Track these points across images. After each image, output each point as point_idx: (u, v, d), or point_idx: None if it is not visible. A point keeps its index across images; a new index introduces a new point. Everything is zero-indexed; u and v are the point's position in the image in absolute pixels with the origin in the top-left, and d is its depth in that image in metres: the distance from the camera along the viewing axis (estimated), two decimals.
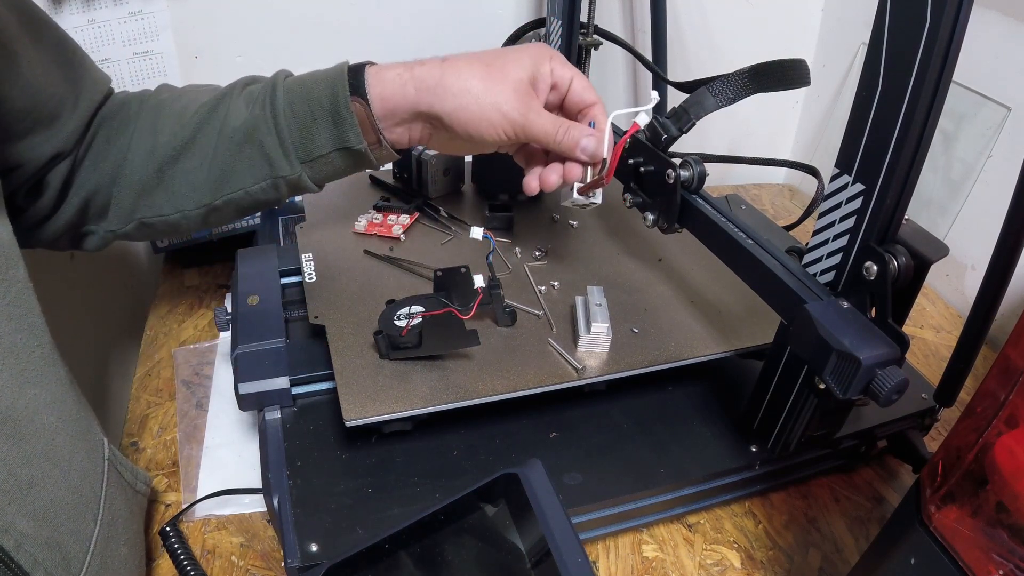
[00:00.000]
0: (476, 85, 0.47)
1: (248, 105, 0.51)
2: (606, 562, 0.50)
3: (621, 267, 0.66)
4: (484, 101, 0.47)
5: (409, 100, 0.48)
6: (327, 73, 0.50)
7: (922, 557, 0.33)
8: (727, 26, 0.97)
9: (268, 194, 0.52)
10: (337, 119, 0.49)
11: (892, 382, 0.37)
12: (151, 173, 0.52)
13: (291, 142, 0.50)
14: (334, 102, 0.49)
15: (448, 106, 0.47)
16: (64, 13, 0.72)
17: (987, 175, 0.76)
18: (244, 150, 0.51)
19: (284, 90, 0.50)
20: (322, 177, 0.52)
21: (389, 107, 0.49)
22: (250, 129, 0.50)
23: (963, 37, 0.36)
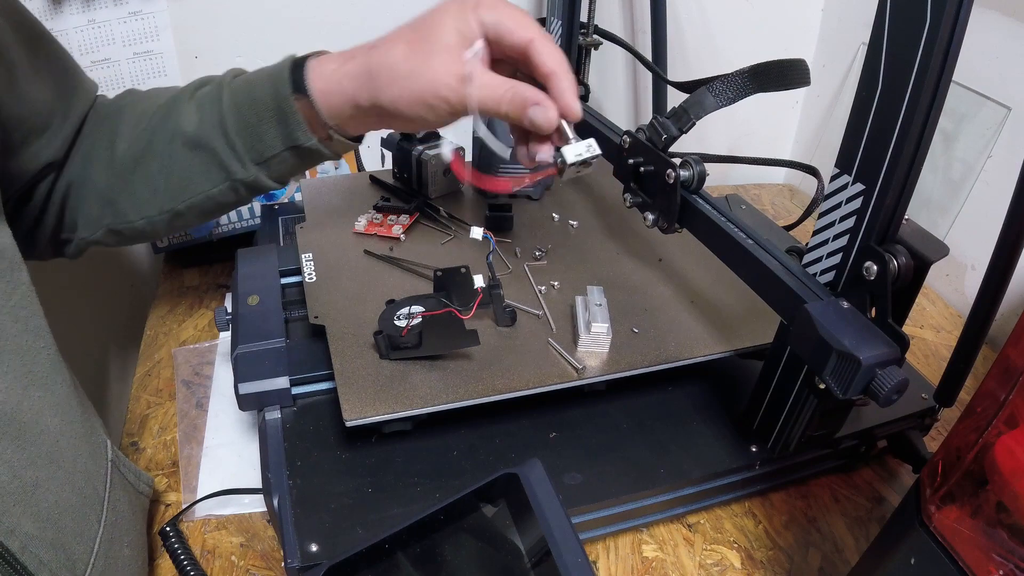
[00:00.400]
0: (402, 67, 0.44)
1: (199, 110, 0.50)
2: (606, 562, 0.50)
3: (621, 267, 0.66)
4: (415, 86, 0.43)
5: (347, 95, 0.46)
6: (271, 70, 0.49)
7: (922, 557, 0.33)
8: (727, 26, 0.97)
9: (228, 196, 0.51)
10: (283, 118, 0.47)
11: (892, 382, 0.37)
12: (114, 180, 0.52)
13: (241, 145, 0.49)
14: (278, 101, 0.47)
15: (383, 96, 0.44)
16: (64, 13, 0.72)
17: (987, 175, 0.76)
18: (198, 156, 0.50)
19: (230, 92, 0.49)
20: (280, 174, 0.51)
21: (332, 104, 0.47)
22: (200, 136, 0.49)
23: (963, 37, 0.36)
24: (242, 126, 0.49)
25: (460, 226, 0.70)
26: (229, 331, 0.60)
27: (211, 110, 0.49)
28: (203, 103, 0.50)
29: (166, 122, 0.51)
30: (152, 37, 0.78)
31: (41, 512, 0.36)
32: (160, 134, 0.50)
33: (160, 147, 0.50)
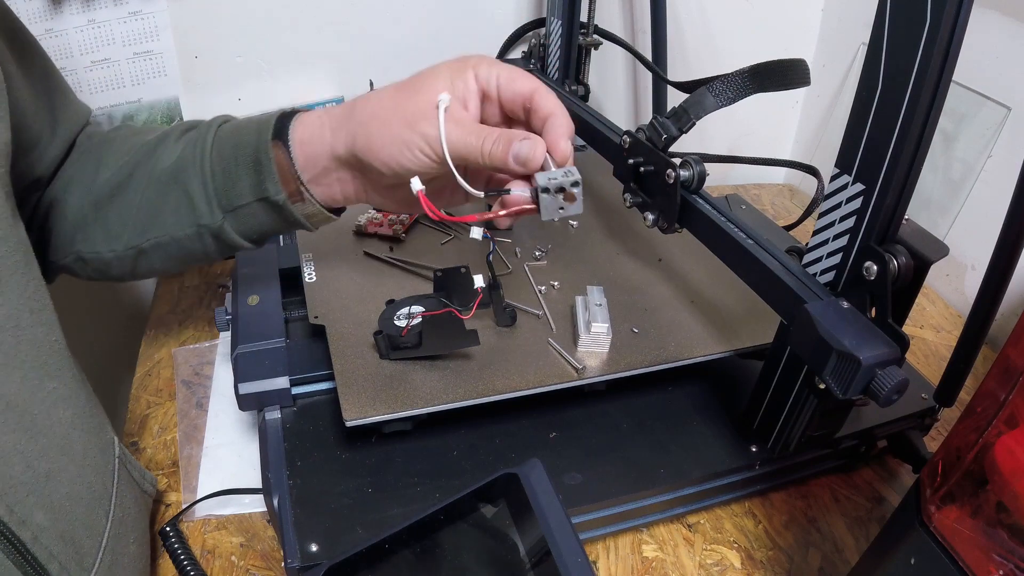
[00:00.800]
0: (385, 106, 0.43)
1: (183, 147, 0.49)
2: (606, 562, 0.50)
3: (621, 267, 0.66)
4: (393, 121, 0.42)
5: (326, 143, 0.45)
6: (259, 118, 0.48)
7: (922, 557, 0.33)
8: (727, 26, 0.97)
9: (195, 244, 0.49)
10: (257, 166, 0.46)
11: (892, 382, 0.37)
12: (89, 208, 0.50)
13: (214, 188, 0.47)
14: (256, 147, 0.46)
15: (360, 140, 0.43)
16: (64, 13, 0.72)
17: (987, 175, 0.76)
18: (171, 191, 0.48)
19: (217, 134, 0.48)
20: (248, 230, 0.49)
21: (308, 152, 0.46)
22: (178, 170, 0.48)
23: (963, 37, 0.36)
24: (220, 168, 0.47)
25: (460, 226, 0.70)
26: (229, 331, 0.60)
27: (194, 149, 0.48)
28: (189, 142, 0.49)
29: (149, 157, 0.49)
30: (152, 37, 0.78)
31: (53, 504, 0.36)
32: (141, 168, 0.49)
33: (138, 180, 0.49)
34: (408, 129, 0.42)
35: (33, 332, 0.38)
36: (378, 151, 0.43)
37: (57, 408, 0.39)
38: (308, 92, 0.87)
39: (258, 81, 0.85)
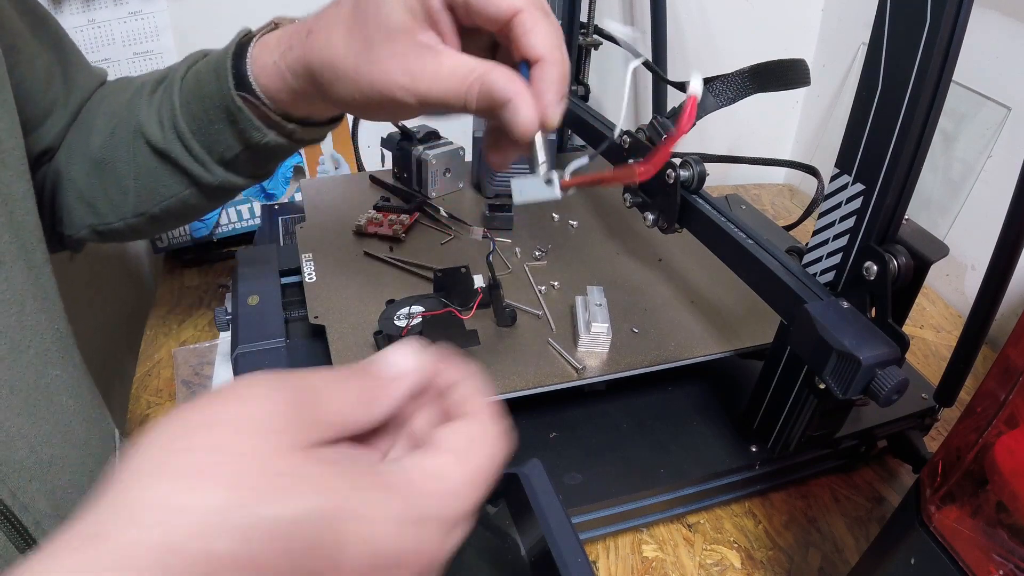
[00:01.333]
0: (344, 63, 0.36)
1: (157, 113, 0.47)
2: (606, 562, 0.50)
3: (621, 267, 0.66)
4: (362, 87, 0.35)
5: (294, 91, 0.40)
6: (215, 60, 0.44)
7: (922, 557, 0.33)
8: (727, 26, 0.97)
9: (201, 199, 0.49)
10: (231, 118, 0.43)
11: (892, 382, 0.37)
12: (90, 179, 0.50)
13: (199, 148, 0.45)
14: (223, 100, 0.42)
15: (332, 95, 0.38)
16: (64, 13, 0.72)
17: (987, 175, 0.76)
18: (164, 166, 0.47)
19: (180, 92, 0.45)
20: (252, 172, 0.48)
21: (281, 100, 0.42)
22: (160, 143, 0.46)
23: (963, 37, 0.36)
24: (196, 128, 0.45)
25: (460, 226, 0.70)
26: (229, 331, 0.60)
27: (166, 114, 0.46)
28: (160, 106, 0.47)
29: (128, 121, 0.48)
30: (152, 37, 0.78)
31: (55, 490, 0.36)
32: (122, 132, 0.48)
33: (124, 147, 0.48)
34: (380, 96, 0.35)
35: (37, 318, 0.38)
36: (359, 111, 0.39)
37: (60, 396, 0.39)
38: None
39: None
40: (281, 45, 0.40)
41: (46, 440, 0.37)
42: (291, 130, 0.44)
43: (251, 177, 0.48)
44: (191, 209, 0.50)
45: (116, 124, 0.49)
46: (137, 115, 0.47)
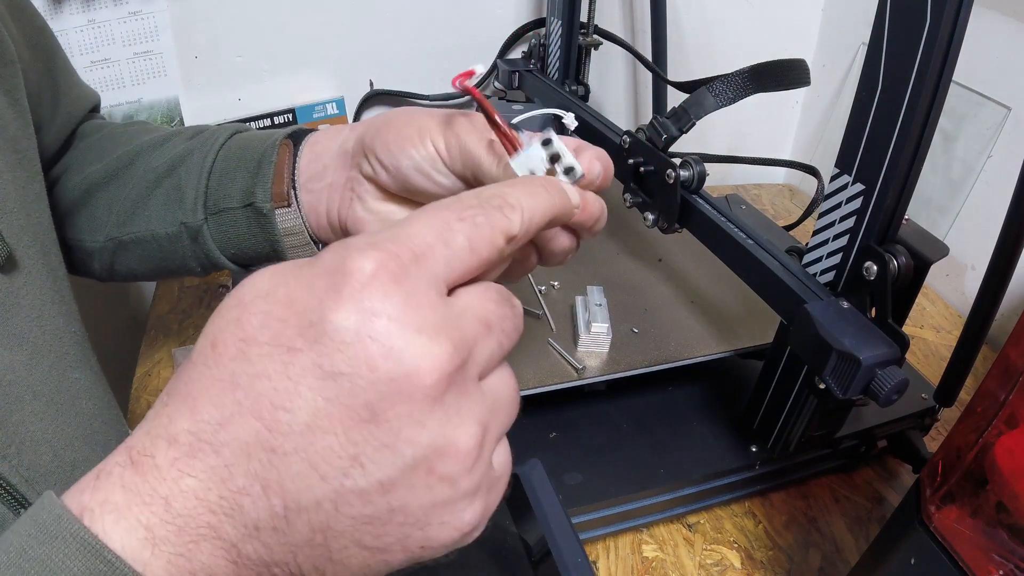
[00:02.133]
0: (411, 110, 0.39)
1: (190, 142, 0.46)
2: (606, 562, 0.50)
3: (621, 267, 0.66)
4: (415, 115, 0.38)
5: (340, 137, 0.42)
6: (285, 130, 0.45)
7: (922, 557, 0.33)
8: (727, 26, 0.97)
9: (174, 246, 0.45)
10: (256, 168, 0.43)
11: (892, 382, 0.37)
12: (79, 192, 0.48)
13: (207, 185, 0.44)
14: (264, 149, 0.43)
15: (372, 128, 0.38)
16: (64, 13, 0.72)
17: (987, 175, 0.76)
18: (164, 182, 0.45)
19: (233, 137, 0.46)
20: (226, 240, 0.44)
21: (318, 151, 0.42)
22: (179, 162, 0.45)
23: (963, 37, 0.36)
24: (221, 168, 0.44)
25: None
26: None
27: (203, 145, 0.45)
28: (201, 139, 0.46)
29: (153, 151, 0.47)
30: (152, 37, 0.78)
31: None
32: (142, 159, 0.47)
33: (136, 170, 0.47)
34: (426, 117, 0.37)
35: (56, 322, 0.38)
36: (385, 135, 0.38)
37: (81, 399, 0.39)
38: (308, 92, 0.87)
39: (258, 81, 0.85)
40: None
41: (69, 444, 0.36)
42: (287, 202, 0.43)
43: (220, 246, 0.45)
44: (156, 251, 0.47)
45: (137, 151, 0.47)
46: (166, 148, 0.47)
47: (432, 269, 0.22)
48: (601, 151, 0.36)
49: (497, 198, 0.25)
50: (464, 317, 0.23)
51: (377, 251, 0.21)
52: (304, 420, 0.20)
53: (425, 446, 0.21)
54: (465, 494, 0.23)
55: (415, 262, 0.22)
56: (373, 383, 0.20)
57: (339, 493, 0.20)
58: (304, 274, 0.22)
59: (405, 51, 0.89)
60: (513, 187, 0.27)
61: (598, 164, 0.35)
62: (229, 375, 0.21)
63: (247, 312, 0.21)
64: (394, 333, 0.20)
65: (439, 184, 0.37)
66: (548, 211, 0.28)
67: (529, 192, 0.27)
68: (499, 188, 0.26)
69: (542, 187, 0.28)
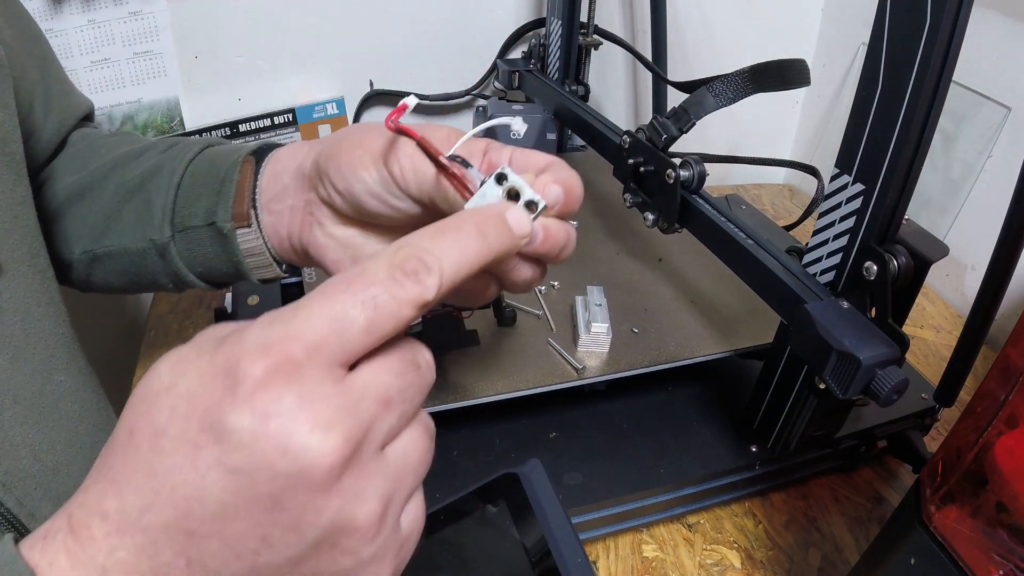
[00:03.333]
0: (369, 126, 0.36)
1: (161, 156, 0.45)
2: (606, 562, 0.50)
3: (621, 267, 0.66)
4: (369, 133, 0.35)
5: (299, 156, 0.40)
6: (253, 143, 0.44)
7: (922, 557, 0.33)
8: (727, 26, 0.97)
9: (145, 262, 0.45)
10: (220, 187, 0.42)
11: (892, 382, 0.37)
12: (57, 203, 0.47)
13: (174, 202, 0.43)
14: (229, 166, 0.42)
15: (327, 148, 0.36)
16: (64, 13, 0.72)
17: (987, 175, 0.76)
18: (135, 197, 0.44)
19: (203, 152, 0.45)
20: (192, 259, 0.43)
21: (278, 169, 0.41)
22: (148, 177, 0.44)
23: (963, 37, 0.36)
24: (188, 184, 0.43)
25: None
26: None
27: (173, 160, 0.44)
28: (172, 153, 0.45)
29: (128, 163, 0.46)
30: (152, 37, 0.78)
31: (61, 498, 0.36)
32: (117, 172, 0.46)
33: (110, 183, 0.46)
34: (379, 137, 0.34)
35: (41, 325, 0.38)
36: (338, 157, 0.35)
37: (65, 401, 0.39)
38: (308, 92, 0.87)
39: (258, 81, 0.85)
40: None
41: (51, 447, 0.36)
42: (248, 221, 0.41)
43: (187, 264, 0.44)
44: (129, 266, 0.46)
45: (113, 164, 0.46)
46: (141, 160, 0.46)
47: (326, 360, 0.22)
48: (565, 172, 0.33)
49: (413, 261, 0.24)
50: (362, 400, 0.23)
51: (268, 354, 0.22)
52: (213, 509, 0.22)
53: (325, 528, 0.22)
54: (371, 561, 0.24)
55: (308, 358, 0.22)
56: (272, 478, 0.21)
57: (254, 567, 0.23)
58: (204, 369, 0.23)
59: (405, 51, 0.89)
60: (439, 238, 0.26)
61: (556, 188, 0.32)
62: (147, 465, 0.22)
63: (155, 406, 0.23)
64: (288, 432, 0.21)
65: (395, 208, 0.35)
66: (480, 258, 0.27)
67: (457, 242, 0.26)
68: (420, 243, 0.25)
69: (476, 232, 0.27)
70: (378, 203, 0.35)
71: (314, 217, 0.39)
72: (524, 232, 0.30)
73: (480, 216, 0.28)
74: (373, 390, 0.24)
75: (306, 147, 0.40)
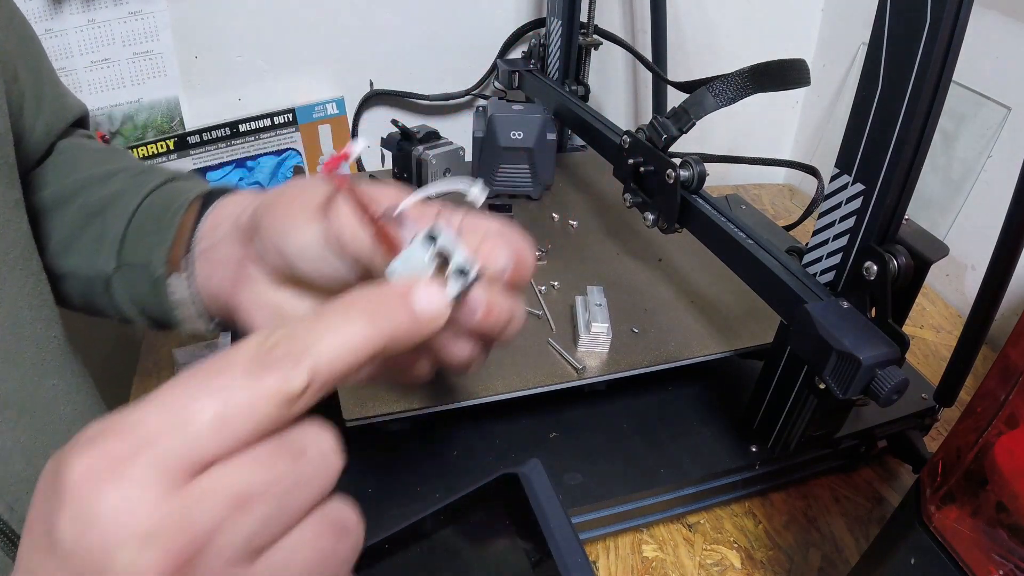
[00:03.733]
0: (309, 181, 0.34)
1: (127, 183, 0.44)
2: (606, 562, 0.50)
3: (621, 267, 0.66)
4: (308, 184, 0.32)
5: (242, 205, 0.37)
6: (215, 185, 0.42)
7: (922, 557, 0.33)
8: (727, 26, 0.97)
9: (96, 289, 0.43)
10: (164, 228, 0.39)
11: (892, 382, 0.37)
12: (32, 215, 0.44)
13: (124, 235, 0.41)
14: (177, 208, 0.40)
15: (266, 200, 0.33)
16: (64, 13, 0.72)
17: (987, 175, 0.76)
18: (93, 223, 0.43)
19: (165, 186, 0.43)
20: (132, 297, 0.41)
21: (221, 215, 0.38)
22: (109, 203, 0.43)
23: (963, 37, 0.36)
24: (142, 218, 0.41)
25: None
26: (229, 331, 0.60)
27: (136, 189, 0.43)
28: (138, 181, 0.44)
29: (100, 184, 0.45)
30: (152, 37, 0.78)
31: None
32: (87, 191, 0.45)
33: (78, 202, 0.45)
34: (315, 194, 0.31)
35: (33, 328, 0.38)
36: (274, 212, 0.32)
37: (58, 405, 0.39)
38: (308, 92, 0.87)
39: (258, 81, 0.85)
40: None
41: (44, 452, 0.36)
42: (179, 268, 0.39)
43: (130, 301, 0.42)
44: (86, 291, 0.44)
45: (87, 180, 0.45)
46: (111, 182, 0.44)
47: (159, 459, 0.20)
48: (517, 238, 0.29)
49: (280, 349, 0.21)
50: (200, 503, 0.20)
51: (90, 450, 0.20)
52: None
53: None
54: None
55: (134, 457, 0.20)
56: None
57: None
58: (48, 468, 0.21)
59: (405, 51, 0.89)
60: (316, 323, 0.23)
61: (504, 254, 0.27)
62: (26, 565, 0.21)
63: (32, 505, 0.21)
64: (105, 543, 0.19)
65: (333, 270, 0.31)
66: (370, 345, 0.23)
67: (340, 328, 0.23)
68: (296, 328, 0.22)
69: (364, 316, 0.23)
70: (314, 263, 0.30)
71: (246, 276, 0.34)
72: (431, 315, 0.25)
73: (374, 297, 0.24)
74: (221, 490, 0.20)
75: (250, 197, 0.38)
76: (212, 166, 0.84)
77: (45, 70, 0.48)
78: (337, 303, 0.24)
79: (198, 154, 0.82)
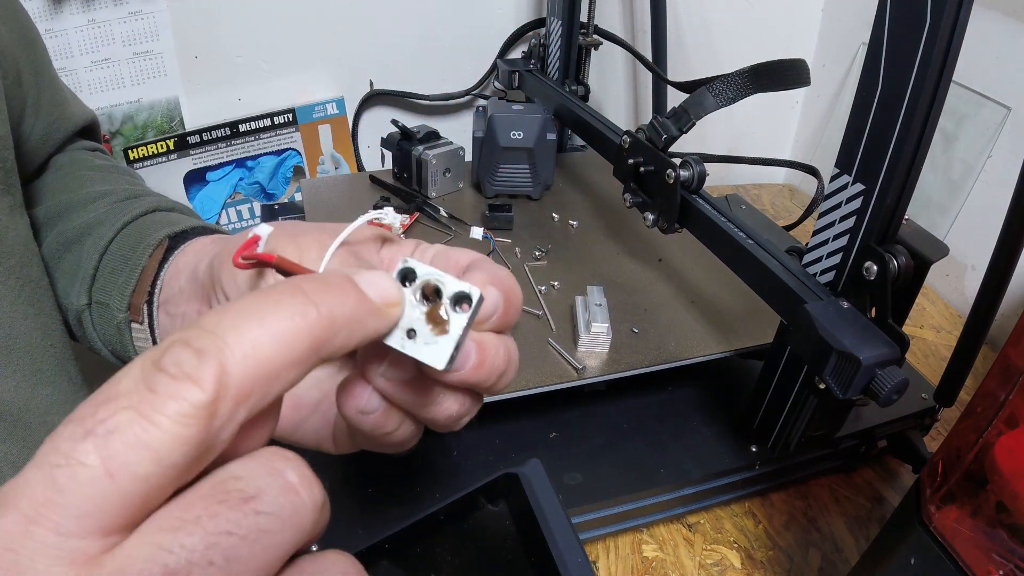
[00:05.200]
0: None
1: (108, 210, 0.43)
2: (606, 562, 0.50)
3: (621, 267, 0.66)
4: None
5: (201, 254, 0.36)
6: (190, 220, 0.41)
7: (922, 557, 0.33)
8: (727, 26, 0.97)
9: (70, 320, 0.42)
10: (129, 266, 0.38)
11: (892, 382, 0.37)
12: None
13: (95, 267, 0.40)
14: (145, 246, 0.38)
15: (226, 250, 0.31)
16: (64, 13, 0.72)
17: (987, 175, 0.76)
18: (71, 251, 0.42)
19: (143, 218, 0.41)
20: (103, 335, 0.40)
21: (183, 262, 0.37)
22: (88, 227, 0.41)
23: (963, 37, 0.36)
24: (113, 254, 0.40)
25: (460, 226, 0.70)
26: None
27: (113, 220, 0.41)
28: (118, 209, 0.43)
29: (84, 206, 0.44)
30: (152, 37, 0.78)
31: None
32: (71, 213, 0.44)
33: (58, 226, 0.44)
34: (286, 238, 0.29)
35: (28, 338, 0.37)
36: (229, 261, 0.29)
37: (52, 415, 0.38)
38: (308, 92, 0.87)
39: (258, 81, 0.85)
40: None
41: None
42: (139, 316, 0.38)
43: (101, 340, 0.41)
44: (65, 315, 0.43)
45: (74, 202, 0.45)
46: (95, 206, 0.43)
47: (49, 533, 0.15)
48: (498, 269, 0.25)
49: (176, 350, 0.16)
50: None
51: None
52: None
53: None
54: None
55: (24, 535, 0.15)
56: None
57: None
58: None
59: (405, 51, 0.89)
60: (227, 311, 0.17)
61: (494, 292, 0.24)
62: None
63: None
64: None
65: None
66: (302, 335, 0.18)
67: (260, 311, 0.17)
68: (202, 322, 0.17)
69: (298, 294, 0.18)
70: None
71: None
72: (383, 296, 0.20)
73: (309, 278, 0.19)
74: (137, 565, 0.15)
75: (211, 245, 0.36)
76: (212, 166, 0.84)
77: (47, 75, 0.48)
78: (260, 289, 0.19)
79: (198, 154, 0.83)
